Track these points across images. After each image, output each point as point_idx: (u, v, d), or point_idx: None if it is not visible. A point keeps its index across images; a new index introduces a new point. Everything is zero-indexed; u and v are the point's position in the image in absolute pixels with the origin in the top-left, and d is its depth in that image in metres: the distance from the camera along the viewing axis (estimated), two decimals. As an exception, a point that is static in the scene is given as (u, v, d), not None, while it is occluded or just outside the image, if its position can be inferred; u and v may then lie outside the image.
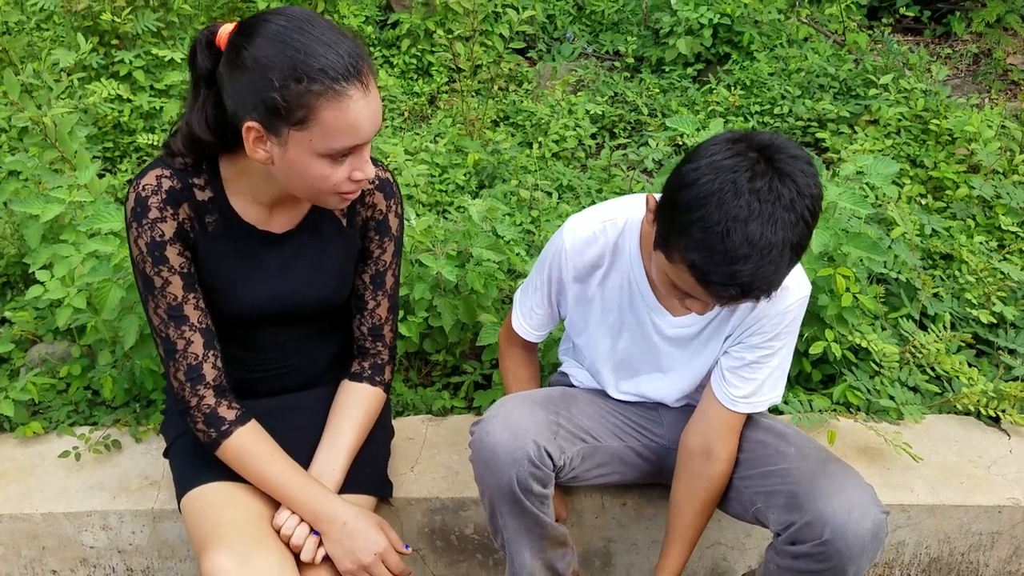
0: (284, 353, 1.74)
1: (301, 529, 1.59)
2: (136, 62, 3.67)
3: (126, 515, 1.94)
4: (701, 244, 1.28)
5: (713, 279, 1.30)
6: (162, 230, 1.51)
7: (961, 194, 3.08)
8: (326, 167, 1.40)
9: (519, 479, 1.53)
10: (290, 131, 1.35)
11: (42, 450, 2.09)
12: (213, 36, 1.41)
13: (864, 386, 2.23)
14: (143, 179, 1.50)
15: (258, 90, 1.33)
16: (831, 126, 3.61)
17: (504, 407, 1.59)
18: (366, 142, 1.41)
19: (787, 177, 1.27)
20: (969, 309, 2.49)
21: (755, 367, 1.62)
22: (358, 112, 1.35)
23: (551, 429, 1.60)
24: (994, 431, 2.15)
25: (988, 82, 4.24)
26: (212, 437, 1.60)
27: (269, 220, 1.60)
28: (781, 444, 1.64)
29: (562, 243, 1.66)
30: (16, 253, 2.65)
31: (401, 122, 3.93)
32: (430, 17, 4.35)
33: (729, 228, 1.25)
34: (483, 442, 1.56)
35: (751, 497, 1.63)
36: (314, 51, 1.32)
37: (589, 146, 3.66)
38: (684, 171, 1.32)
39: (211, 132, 1.45)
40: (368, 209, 1.67)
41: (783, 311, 1.57)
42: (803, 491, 1.51)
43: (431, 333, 2.33)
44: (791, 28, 4.36)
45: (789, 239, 1.27)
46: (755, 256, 1.26)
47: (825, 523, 1.45)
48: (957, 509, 1.93)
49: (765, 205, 1.25)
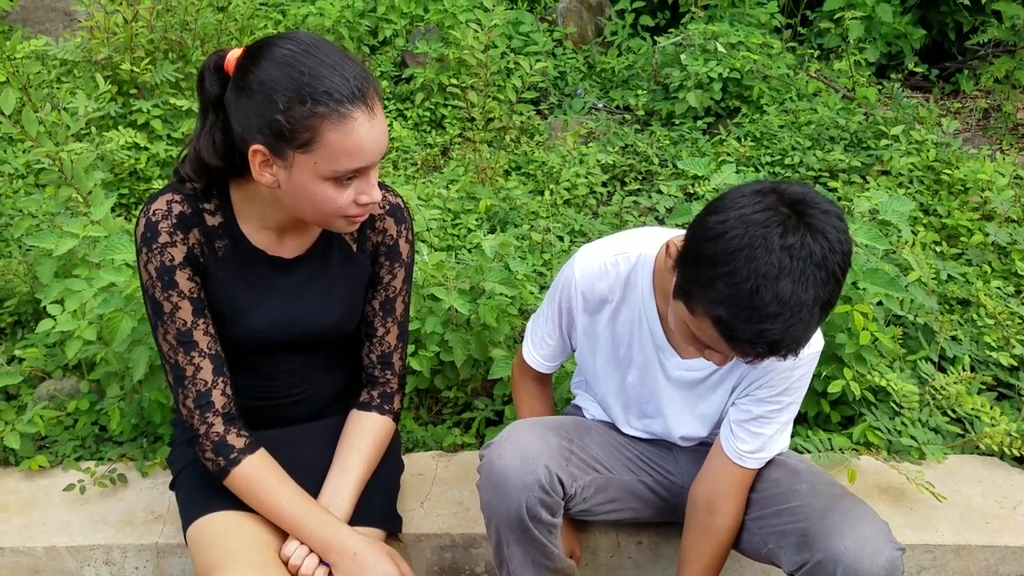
0: (293, 381, 1.72)
1: (310, 560, 1.56)
2: (154, 111, 3.72)
3: (129, 549, 1.89)
4: (728, 300, 1.23)
5: (740, 336, 1.24)
6: (172, 255, 1.50)
7: (976, 241, 3.07)
8: (331, 190, 1.39)
9: (528, 505, 1.49)
10: (295, 154, 1.35)
11: (47, 484, 2.06)
12: (221, 61, 1.42)
13: (884, 426, 2.19)
14: (154, 204, 1.50)
15: (263, 113, 1.34)
16: (842, 176, 3.62)
17: (515, 431, 1.56)
18: (372, 165, 1.41)
19: (819, 234, 1.21)
20: (988, 352, 2.45)
21: (763, 422, 1.58)
22: (363, 135, 1.35)
23: (563, 455, 1.56)
24: (1019, 471, 2.09)
25: (999, 135, 4.26)
26: (221, 466, 1.57)
27: (279, 245, 1.60)
28: (793, 481, 1.59)
29: (572, 273, 1.63)
30: (28, 291, 2.66)
31: (414, 171, 3.96)
32: (444, 72, 4.42)
33: (759, 285, 1.19)
34: (492, 466, 1.51)
35: (763, 537, 1.59)
36: (319, 74, 1.32)
37: (600, 194, 3.67)
38: (711, 223, 1.26)
39: (219, 157, 1.46)
40: (378, 234, 1.66)
41: (793, 366, 1.52)
42: (814, 529, 1.46)
43: (442, 369, 2.30)
44: (800, 82, 4.41)
45: (820, 297, 1.22)
46: (785, 315, 1.20)
47: (837, 561, 1.40)
48: (984, 550, 1.87)
49: (797, 262, 1.19)
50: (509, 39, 4.85)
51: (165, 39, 3.91)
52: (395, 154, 4.11)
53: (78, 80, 4.24)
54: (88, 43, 3.87)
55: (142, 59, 3.78)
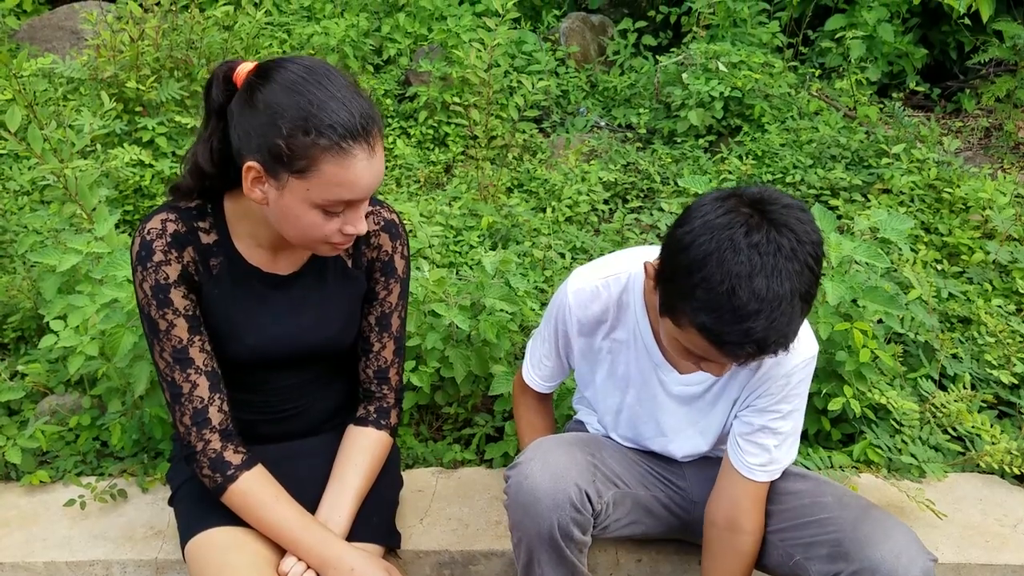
0: (289, 397, 1.73)
1: None
2: (159, 129, 3.75)
3: (129, 565, 1.90)
4: (708, 305, 1.25)
5: (727, 339, 1.26)
6: (167, 273, 1.51)
7: (977, 259, 3.07)
8: (319, 217, 1.41)
9: (560, 525, 1.48)
10: (289, 178, 1.37)
11: (47, 499, 2.06)
12: (231, 72, 1.44)
13: (885, 444, 2.18)
14: (148, 223, 1.51)
15: (265, 134, 1.35)
16: (843, 194, 3.62)
17: (541, 449, 1.55)
18: (363, 200, 1.42)
19: (783, 227, 1.25)
20: (989, 370, 2.45)
21: (767, 432, 1.58)
22: (359, 172, 1.37)
23: (590, 472, 1.55)
24: (1019, 490, 2.09)
25: (1000, 154, 4.27)
26: (218, 482, 1.58)
27: (274, 263, 1.61)
28: (818, 494, 1.59)
29: (566, 298, 1.65)
30: (32, 307, 2.67)
31: (417, 188, 3.98)
32: (447, 90, 4.44)
33: (734, 285, 1.22)
34: (522, 486, 1.50)
35: (788, 551, 1.58)
36: (327, 106, 1.34)
37: (602, 211, 3.68)
38: (679, 235, 1.30)
39: (214, 164, 1.47)
40: (374, 250, 1.67)
41: (788, 372, 1.53)
42: (848, 538, 1.46)
43: (443, 385, 2.31)
44: (802, 101, 4.43)
45: (797, 288, 1.24)
46: (765, 310, 1.23)
47: (875, 570, 1.40)
48: (984, 568, 1.87)
49: (766, 258, 1.23)
50: (512, 58, 4.89)
51: (171, 57, 3.95)
52: (398, 171, 4.13)
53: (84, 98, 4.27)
54: (94, 61, 3.91)
55: (148, 77, 3.81)
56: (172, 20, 4.01)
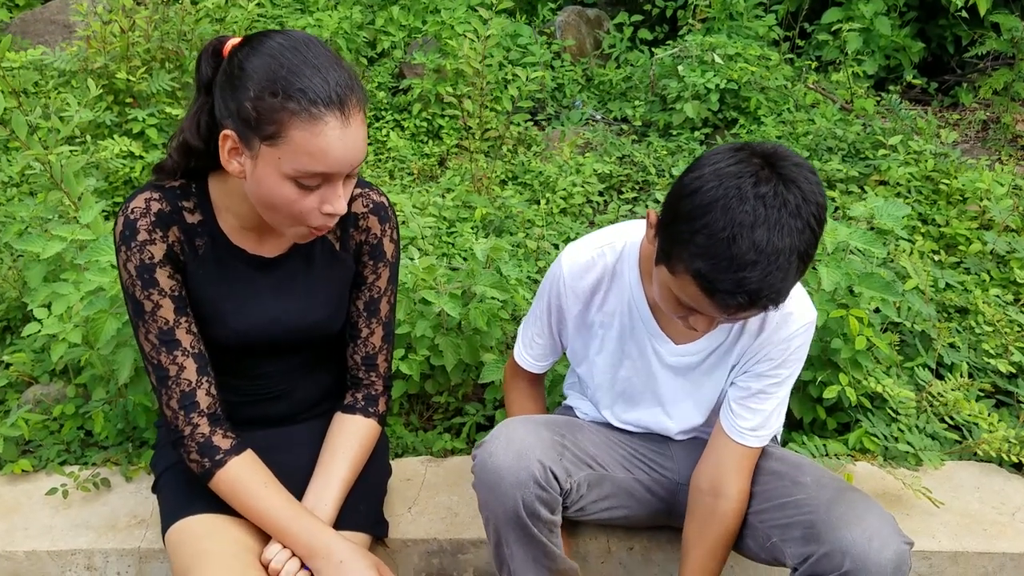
0: (275, 382, 1.69)
1: (292, 564, 1.52)
2: (149, 120, 3.71)
3: (111, 554, 1.86)
4: (706, 251, 1.24)
5: (720, 287, 1.25)
6: (151, 252, 1.48)
7: (974, 250, 3.04)
8: (293, 191, 1.36)
9: (525, 503, 1.46)
10: (261, 146, 1.33)
11: (29, 488, 2.03)
12: (221, 46, 1.41)
13: (881, 432, 2.15)
14: (132, 202, 1.48)
15: (237, 99, 1.33)
16: (840, 186, 3.60)
17: (506, 428, 1.53)
18: (338, 174, 1.37)
19: (792, 183, 1.24)
20: (987, 359, 2.42)
21: (762, 397, 1.56)
22: (331, 141, 1.32)
23: (556, 450, 1.53)
24: (1017, 478, 2.06)
25: (997, 147, 4.24)
26: (206, 467, 1.54)
27: (260, 244, 1.57)
28: (797, 474, 1.57)
29: (560, 270, 1.63)
30: (16, 297, 2.63)
31: (411, 181, 3.95)
32: (441, 83, 4.41)
33: (735, 234, 1.22)
34: (486, 464, 1.49)
35: (766, 532, 1.55)
36: (300, 71, 1.31)
37: (597, 203, 3.65)
38: (686, 180, 1.30)
39: (201, 139, 1.44)
40: (362, 233, 1.64)
41: (789, 337, 1.53)
42: (821, 520, 1.43)
43: (433, 374, 2.27)
44: (798, 94, 4.40)
45: (796, 246, 1.24)
46: (762, 262, 1.22)
47: (845, 553, 1.36)
48: (981, 556, 1.84)
49: (771, 211, 1.22)
50: (507, 51, 4.86)
51: (162, 49, 3.92)
52: (391, 164, 4.10)
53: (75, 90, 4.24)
54: (84, 52, 3.87)
55: (138, 68, 3.78)
56: (163, 12, 3.98)
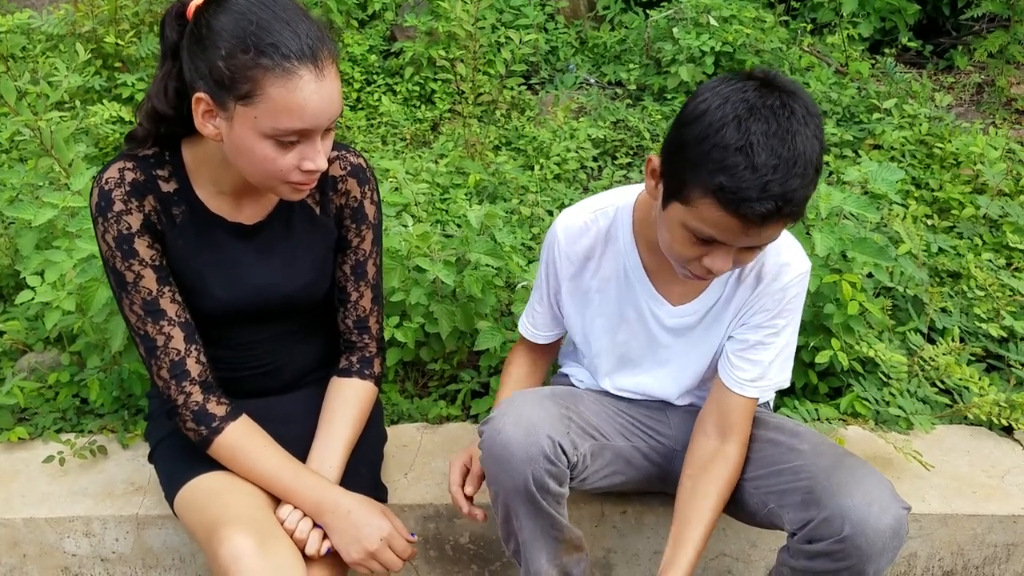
0: (265, 351, 1.69)
1: (304, 523, 1.54)
2: (139, 85, 3.68)
3: (109, 521, 1.88)
4: (725, 164, 1.25)
5: (744, 195, 1.25)
6: (128, 223, 1.47)
7: (967, 214, 3.04)
8: (271, 150, 1.35)
9: (535, 477, 1.47)
10: (236, 106, 1.32)
11: (26, 456, 2.04)
12: (184, 8, 1.39)
13: (872, 396, 2.17)
14: (105, 173, 1.47)
15: (208, 59, 1.31)
16: (834, 150, 3.59)
17: (513, 403, 1.53)
18: (316, 129, 1.36)
19: (794, 95, 1.28)
20: (979, 324, 2.44)
21: (760, 348, 1.58)
22: (307, 95, 1.31)
23: (563, 423, 1.53)
24: (1007, 441, 2.08)
25: (992, 110, 4.22)
26: (203, 435, 1.55)
27: (238, 211, 1.56)
28: (794, 441, 1.58)
29: (555, 235, 1.64)
30: (10, 264, 2.62)
31: (403, 146, 3.92)
32: (433, 46, 4.37)
33: (752, 142, 1.24)
34: (494, 441, 1.49)
35: (763, 498, 1.56)
36: (270, 26, 1.29)
37: (591, 168, 3.64)
38: (688, 108, 1.31)
39: (169, 105, 1.42)
40: (342, 196, 1.63)
41: (785, 286, 1.54)
42: (820, 486, 1.44)
43: (427, 341, 2.28)
44: (793, 57, 4.37)
45: (810, 154, 1.26)
46: (783, 167, 1.24)
47: (844, 518, 1.38)
48: (971, 519, 1.86)
49: (781, 120, 1.25)
50: (500, 13, 4.80)
51: (150, 12, 3.86)
52: (384, 129, 4.07)
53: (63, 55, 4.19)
54: (72, 16, 3.82)
55: (127, 32, 3.74)
56: (152, -27, 3.92)
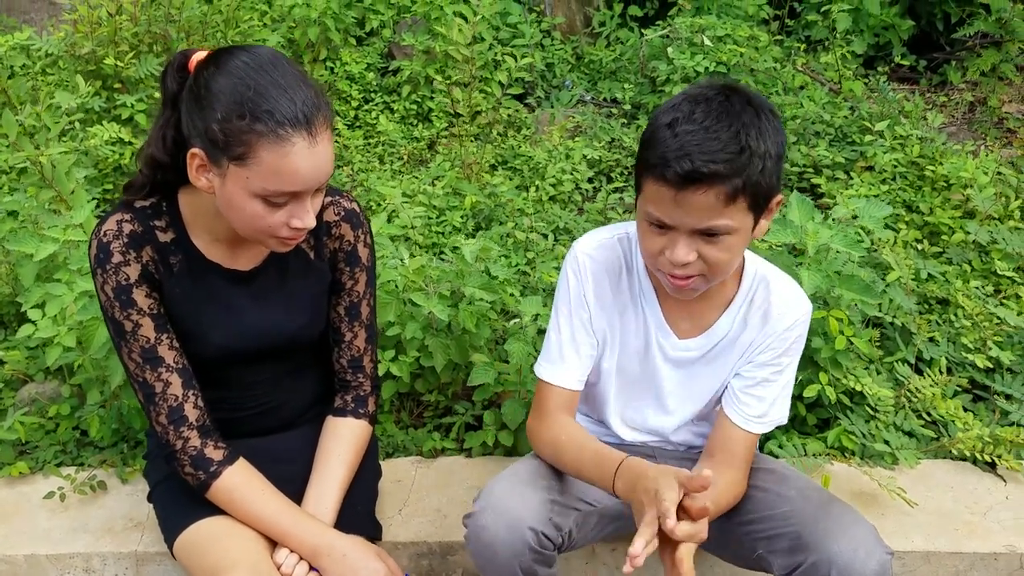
0: (263, 391, 1.73)
1: (301, 567, 1.58)
2: (138, 106, 3.71)
3: (109, 557, 1.91)
4: (656, 139, 1.36)
5: (664, 157, 1.33)
6: (127, 273, 1.51)
7: (957, 239, 3.08)
8: (261, 208, 1.40)
9: (523, 567, 1.51)
10: (229, 164, 1.36)
11: (27, 491, 2.07)
12: (187, 60, 1.43)
13: (859, 430, 2.21)
14: (104, 225, 1.51)
15: (205, 119, 1.35)
16: (827, 172, 3.62)
17: (493, 495, 1.53)
18: (307, 191, 1.41)
19: (739, 91, 1.39)
20: (965, 354, 2.47)
21: (766, 385, 1.62)
22: (299, 161, 1.36)
23: (544, 509, 1.54)
24: (990, 476, 2.12)
25: (983, 129, 4.26)
26: (201, 479, 1.58)
27: (233, 258, 1.60)
28: (782, 487, 1.62)
29: (575, 257, 1.63)
30: (10, 293, 2.65)
31: (400, 165, 3.96)
32: (430, 64, 4.40)
33: (679, 117, 1.35)
34: (479, 538, 1.51)
35: (752, 544, 1.60)
36: (266, 92, 1.34)
37: (586, 190, 3.67)
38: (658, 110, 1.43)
39: (167, 153, 1.46)
40: (335, 240, 1.67)
41: (790, 327, 1.59)
42: (807, 531, 1.49)
43: (423, 373, 2.31)
44: (787, 76, 4.40)
45: (738, 129, 1.33)
46: (701, 132, 1.33)
47: (831, 563, 1.43)
48: (953, 556, 1.90)
49: (713, 105, 1.35)
50: (496, 30, 4.83)
51: (149, 32, 3.89)
52: (381, 148, 4.11)
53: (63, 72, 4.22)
54: (72, 36, 3.85)
55: (126, 53, 3.76)
56: (150, -6, 3.95)
